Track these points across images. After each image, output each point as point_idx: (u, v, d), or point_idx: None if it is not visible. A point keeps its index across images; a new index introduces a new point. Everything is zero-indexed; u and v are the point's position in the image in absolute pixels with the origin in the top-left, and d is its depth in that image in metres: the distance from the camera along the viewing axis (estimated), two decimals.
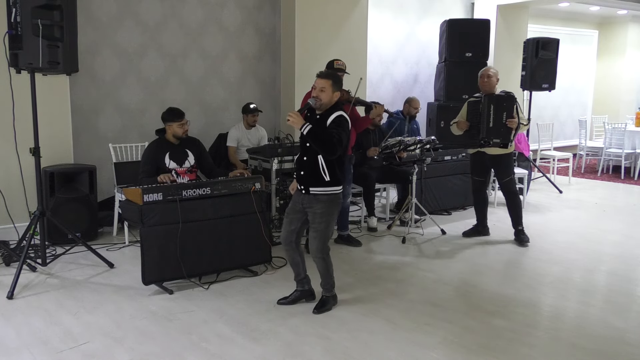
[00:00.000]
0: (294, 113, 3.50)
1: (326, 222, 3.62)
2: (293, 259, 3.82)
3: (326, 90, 3.55)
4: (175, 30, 6.20)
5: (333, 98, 3.58)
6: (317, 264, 3.72)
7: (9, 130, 4.54)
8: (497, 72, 5.29)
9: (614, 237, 5.73)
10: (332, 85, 3.55)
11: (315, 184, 3.58)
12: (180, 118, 4.55)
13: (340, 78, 3.69)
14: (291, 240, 3.76)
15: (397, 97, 8.16)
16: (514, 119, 5.09)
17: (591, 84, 12.27)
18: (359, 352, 3.21)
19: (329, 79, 3.57)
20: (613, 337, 3.46)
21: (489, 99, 5.18)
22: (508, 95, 5.21)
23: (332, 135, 3.47)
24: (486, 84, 5.23)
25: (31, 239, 4.34)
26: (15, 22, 3.96)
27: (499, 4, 8.63)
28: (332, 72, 3.71)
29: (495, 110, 5.14)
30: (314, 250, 3.67)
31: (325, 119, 3.57)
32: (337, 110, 3.60)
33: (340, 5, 6.94)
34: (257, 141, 6.23)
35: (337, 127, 3.51)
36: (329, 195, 3.60)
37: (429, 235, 5.65)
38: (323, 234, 3.63)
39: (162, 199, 3.97)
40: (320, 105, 3.58)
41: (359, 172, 5.75)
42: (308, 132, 3.48)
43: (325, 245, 3.68)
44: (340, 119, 3.55)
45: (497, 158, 5.31)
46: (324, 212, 3.60)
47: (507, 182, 5.37)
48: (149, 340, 3.32)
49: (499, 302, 3.97)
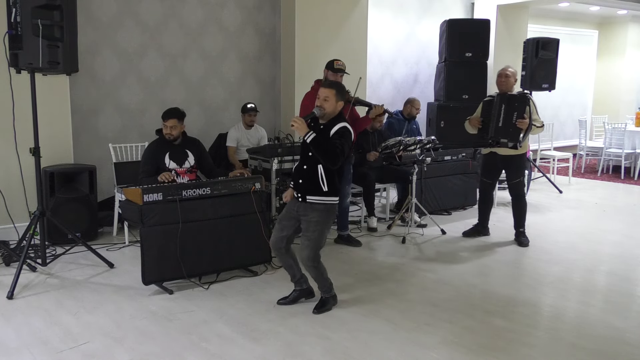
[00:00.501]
0: (298, 119, 3.49)
1: (320, 230, 3.58)
2: (285, 262, 3.80)
3: (330, 99, 3.54)
4: (175, 30, 6.20)
5: (337, 108, 3.58)
6: (309, 272, 3.70)
7: (9, 130, 4.54)
8: (515, 72, 5.24)
9: (614, 237, 5.73)
10: (335, 95, 3.55)
11: (313, 192, 3.56)
12: (165, 118, 4.48)
13: (344, 88, 3.69)
14: (281, 247, 3.72)
15: (397, 97, 8.16)
16: (525, 119, 5.01)
17: (591, 84, 12.27)
18: (359, 352, 3.21)
19: (333, 88, 3.57)
20: (613, 337, 3.46)
21: (501, 98, 5.15)
22: (521, 95, 5.15)
23: (335, 145, 3.48)
24: (503, 83, 5.19)
25: (31, 239, 4.34)
26: (15, 22, 3.96)
27: (499, 4, 8.63)
28: (337, 82, 3.72)
29: (506, 110, 5.10)
30: (305, 259, 3.62)
31: (328, 129, 3.57)
32: (340, 121, 3.60)
33: (340, 5, 6.94)
34: (256, 141, 6.23)
35: (340, 138, 3.52)
36: (325, 204, 3.58)
37: (429, 235, 5.65)
38: (315, 242, 3.60)
39: (162, 199, 3.97)
40: (323, 115, 3.58)
41: (359, 172, 5.75)
42: (311, 140, 3.48)
43: (317, 254, 3.64)
44: (344, 130, 3.56)
45: (508, 159, 5.26)
46: (319, 221, 3.57)
47: (516, 184, 5.32)
48: (149, 340, 3.32)
49: (499, 302, 3.97)
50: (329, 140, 3.51)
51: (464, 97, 7.72)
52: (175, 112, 4.52)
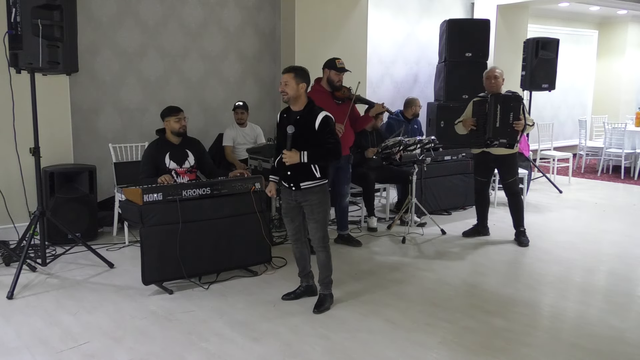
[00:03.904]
0: (286, 153, 3.57)
1: (324, 210, 3.71)
2: (302, 252, 3.89)
3: (289, 83, 3.60)
4: (175, 30, 6.20)
5: (299, 90, 3.62)
6: (320, 255, 3.77)
7: (9, 130, 4.54)
8: (502, 72, 5.28)
9: (614, 237, 5.73)
10: (294, 78, 3.60)
11: (305, 179, 3.65)
12: (177, 112, 4.54)
13: (305, 71, 3.69)
14: (300, 237, 3.85)
15: (397, 97, 8.16)
16: (521, 120, 5.08)
17: (591, 84, 12.27)
18: (359, 352, 3.21)
19: (291, 72, 3.62)
20: (612, 336, 3.46)
21: (495, 98, 5.16)
22: (515, 95, 5.19)
23: (329, 144, 3.60)
24: (493, 85, 5.21)
25: (31, 239, 4.34)
26: (15, 22, 3.96)
27: (499, 4, 8.63)
28: (295, 66, 3.73)
29: (502, 111, 5.12)
30: (317, 240, 3.73)
31: (307, 119, 3.61)
32: (315, 109, 3.64)
33: (340, 5, 6.94)
34: (253, 139, 6.24)
35: (329, 134, 3.61)
36: (320, 186, 3.70)
37: (429, 235, 5.65)
38: (323, 222, 3.72)
39: (162, 199, 3.97)
40: (288, 99, 3.64)
41: (359, 172, 5.75)
42: (308, 158, 3.57)
43: (326, 235, 3.76)
44: (328, 120, 3.62)
45: (501, 158, 5.28)
46: (321, 202, 3.69)
47: (510, 183, 5.35)
48: (149, 340, 3.32)
49: (499, 302, 3.97)
50: (322, 145, 3.59)
51: (464, 97, 7.71)
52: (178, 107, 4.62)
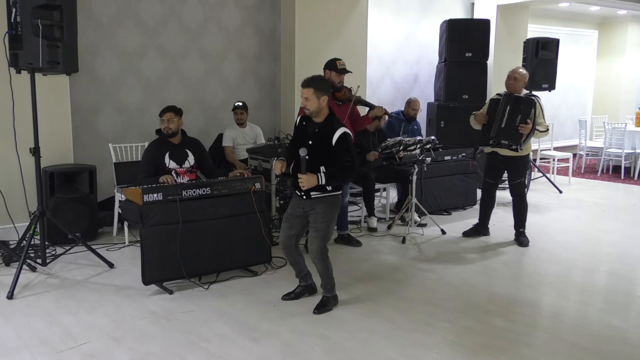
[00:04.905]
0: (302, 177, 3.51)
1: (327, 221, 3.65)
2: (293, 259, 3.86)
3: (310, 98, 3.56)
4: (175, 30, 6.20)
5: (321, 103, 3.58)
6: (317, 265, 3.72)
7: (9, 130, 4.54)
8: (525, 75, 5.19)
9: (614, 237, 5.73)
10: (314, 93, 3.56)
11: (317, 189, 3.62)
12: (162, 114, 4.55)
13: (324, 80, 3.65)
14: (290, 244, 3.79)
15: (397, 97, 8.16)
16: (528, 124, 4.95)
17: (591, 84, 12.26)
18: (359, 352, 3.21)
19: (310, 86, 3.57)
20: (612, 336, 3.46)
21: (507, 98, 5.13)
22: (528, 98, 5.09)
23: (346, 161, 3.56)
24: (512, 85, 5.15)
25: (31, 239, 4.34)
26: (15, 22, 3.96)
27: (499, 4, 8.63)
28: (314, 78, 3.63)
29: (510, 112, 5.07)
30: (314, 251, 3.67)
31: (325, 133, 3.58)
32: (336, 123, 3.61)
33: (340, 5, 6.94)
34: (252, 139, 6.24)
35: (346, 152, 3.56)
36: (331, 197, 3.66)
37: (429, 235, 5.65)
38: (324, 233, 3.66)
39: (162, 199, 3.97)
40: (311, 113, 3.62)
41: (359, 172, 5.73)
42: (326, 179, 3.54)
43: (325, 246, 3.70)
44: (346, 137, 3.58)
45: (509, 159, 5.23)
46: (326, 212, 3.64)
47: (517, 185, 5.30)
48: (149, 340, 3.32)
49: (499, 302, 3.97)
50: (339, 163, 3.55)
51: (464, 97, 7.72)
52: (171, 107, 4.60)
